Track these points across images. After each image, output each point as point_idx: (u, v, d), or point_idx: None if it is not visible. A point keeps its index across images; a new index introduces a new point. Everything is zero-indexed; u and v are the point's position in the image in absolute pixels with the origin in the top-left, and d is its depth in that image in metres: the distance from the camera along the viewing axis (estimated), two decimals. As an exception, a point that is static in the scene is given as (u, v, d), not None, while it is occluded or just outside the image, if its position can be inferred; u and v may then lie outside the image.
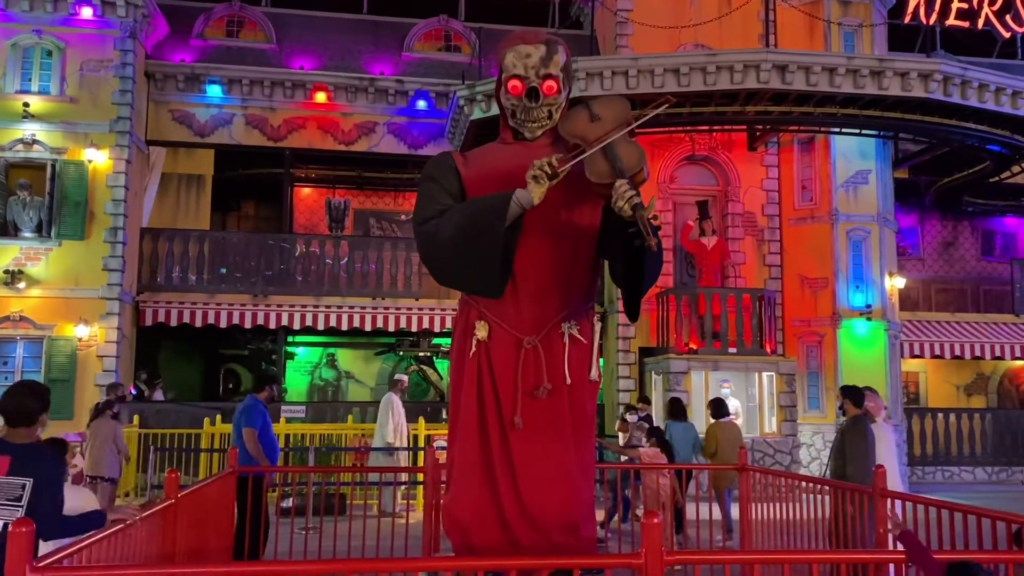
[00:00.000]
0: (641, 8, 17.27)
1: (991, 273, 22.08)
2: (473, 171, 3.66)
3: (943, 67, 15.01)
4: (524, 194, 3.29)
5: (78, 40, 16.40)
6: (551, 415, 3.62)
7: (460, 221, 3.40)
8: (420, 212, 3.57)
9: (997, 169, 18.16)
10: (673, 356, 14.98)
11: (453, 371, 3.83)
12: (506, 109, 3.73)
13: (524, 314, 3.61)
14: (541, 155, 3.48)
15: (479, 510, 3.59)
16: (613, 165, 3.25)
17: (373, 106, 18.52)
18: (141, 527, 3.97)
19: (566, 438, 3.66)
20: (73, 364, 15.56)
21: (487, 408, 3.63)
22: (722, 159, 17.36)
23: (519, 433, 3.57)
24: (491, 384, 3.62)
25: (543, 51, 3.61)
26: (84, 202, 15.99)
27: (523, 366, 3.59)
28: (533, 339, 3.60)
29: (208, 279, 17.36)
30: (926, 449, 18.33)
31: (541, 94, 3.63)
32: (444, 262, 3.49)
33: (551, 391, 3.59)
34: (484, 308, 3.65)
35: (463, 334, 3.73)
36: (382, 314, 17.68)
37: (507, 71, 3.64)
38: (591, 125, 3.50)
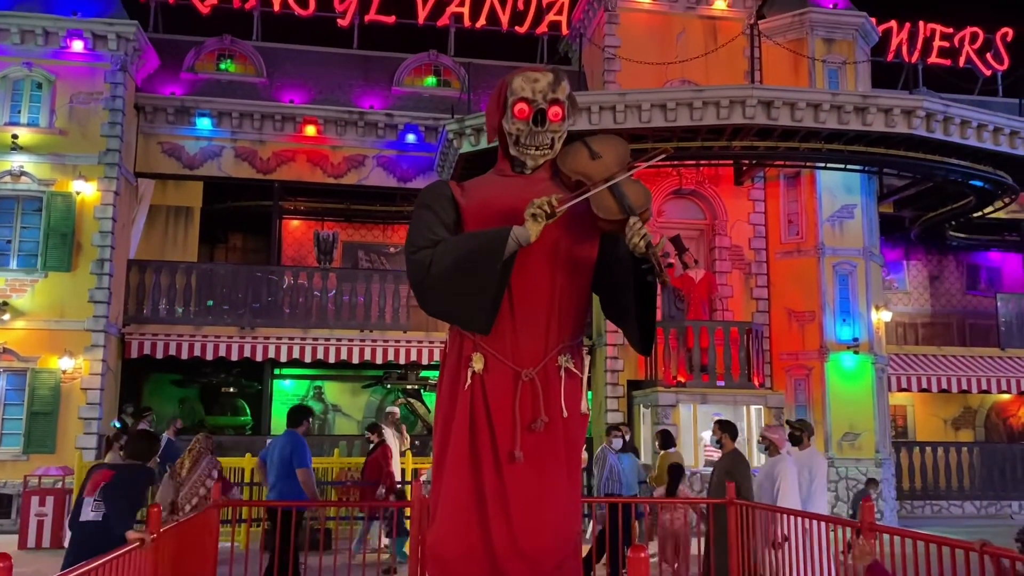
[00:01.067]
0: (628, 44, 17.51)
1: (976, 307, 22.23)
2: (472, 202, 3.66)
3: (926, 104, 15.23)
4: (522, 231, 3.32)
5: (68, 73, 16.46)
6: (547, 448, 3.61)
7: (456, 255, 3.39)
8: (414, 240, 3.55)
9: (980, 204, 18.36)
10: (661, 389, 14.96)
11: (443, 403, 3.76)
12: (510, 135, 3.73)
13: (521, 347, 3.61)
14: (540, 189, 3.56)
15: (467, 546, 3.53)
16: (621, 203, 3.36)
17: (362, 139, 18.61)
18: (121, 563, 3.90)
19: (560, 471, 3.66)
20: (57, 397, 15.40)
21: (480, 441, 3.58)
22: (709, 193, 17.50)
23: (515, 466, 3.55)
24: (485, 417, 3.59)
25: (551, 78, 3.69)
26: (71, 233, 15.94)
27: (521, 399, 3.57)
28: (531, 372, 3.60)
29: (195, 311, 17.27)
30: (915, 483, 18.31)
31: (548, 118, 3.65)
32: (435, 293, 3.47)
33: (547, 424, 3.58)
34: (480, 340, 3.62)
35: (456, 365, 3.69)
36: (370, 346, 17.61)
37: (515, 94, 3.66)
38: (592, 163, 3.58)
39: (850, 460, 16.30)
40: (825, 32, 17.75)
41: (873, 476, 16.29)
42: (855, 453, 16.35)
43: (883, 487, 16.34)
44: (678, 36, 17.77)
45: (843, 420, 16.41)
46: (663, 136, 15.47)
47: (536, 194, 3.49)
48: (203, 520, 6.26)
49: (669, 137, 15.47)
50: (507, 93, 3.70)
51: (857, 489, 15.98)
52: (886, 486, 16.44)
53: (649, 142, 15.53)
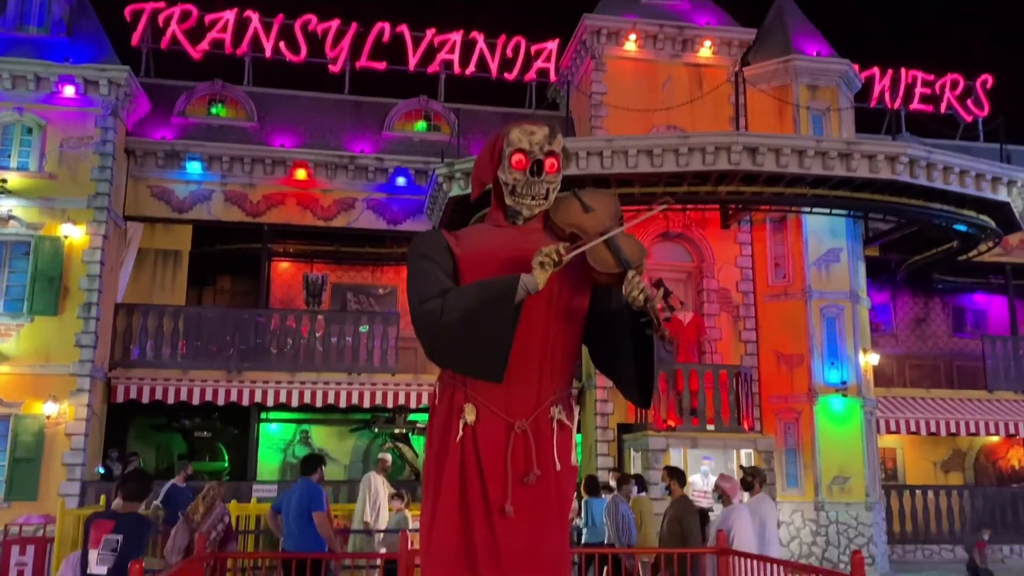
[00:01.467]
0: (615, 91, 17.76)
1: (963, 349, 22.33)
2: (467, 251, 3.66)
3: (909, 150, 15.47)
4: (530, 279, 3.34)
5: (59, 117, 16.54)
6: (538, 501, 3.58)
7: (468, 304, 3.37)
8: (420, 290, 3.50)
9: (965, 248, 18.55)
10: (651, 433, 14.91)
11: (432, 454, 3.70)
12: (506, 185, 3.76)
13: (514, 397, 3.58)
14: (534, 239, 3.59)
15: None
16: (617, 256, 3.43)
17: (353, 182, 18.72)
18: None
19: (552, 525, 3.63)
20: (40, 443, 15.21)
21: (471, 494, 3.54)
22: (696, 236, 17.63)
23: (506, 521, 3.51)
24: (477, 469, 3.55)
25: (547, 131, 3.74)
26: (58, 277, 15.88)
27: (513, 451, 3.54)
28: (523, 423, 3.56)
29: (182, 355, 17.17)
30: (905, 527, 18.21)
31: (544, 169, 3.72)
32: (448, 344, 3.43)
33: (539, 477, 3.55)
34: (472, 390, 3.58)
35: (447, 415, 3.64)
36: (357, 390, 17.52)
37: (512, 145, 3.71)
38: (586, 216, 3.64)
39: (840, 504, 16.23)
40: (809, 79, 18.06)
41: (864, 521, 16.22)
42: (845, 497, 16.29)
43: (874, 531, 16.27)
44: (664, 83, 18.05)
45: (833, 464, 16.37)
46: (650, 181, 15.63)
47: (531, 244, 3.52)
48: (186, 573, 6.16)
49: (655, 182, 15.63)
50: (504, 144, 3.75)
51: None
52: (876, 530, 16.36)
53: (636, 187, 15.69)
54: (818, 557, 15.81)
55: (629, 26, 18.08)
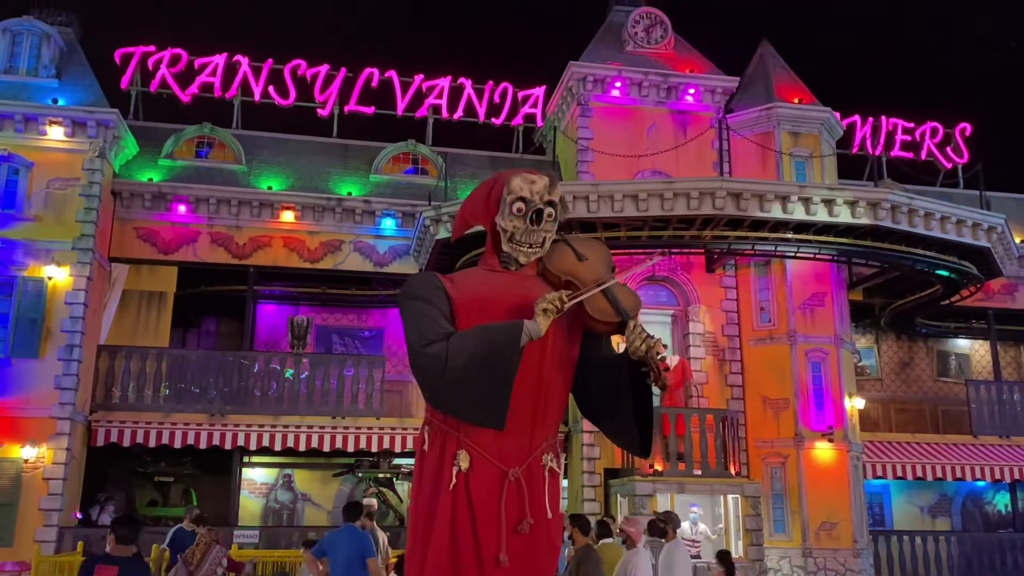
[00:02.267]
0: (601, 136, 17.97)
1: (947, 394, 22.40)
2: (464, 295, 3.65)
3: (891, 196, 15.67)
4: (533, 326, 3.38)
5: (46, 159, 16.55)
6: (530, 550, 3.56)
7: (474, 350, 3.37)
8: (421, 333, 3.48)
9: (947, 293, 18.70)
10: (638, 478, 14.81)
11: (422, 501, 3.65)
12: (503, 232, 3.78)
13: (508, 445, 3.56)
14: (529, 285, 3.65)
15: None
16: (616, 306, 3.49)
17: (340, 225, 18.74)
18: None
19: (543, 572, 3.62)
20: (17, 488, 14.94)
21: (462, 542, 3.50)
22: (682, 279, 17.71)
23: (500, 571, 3.48)
24: (469, 517, 3.51)
25: (547, 181, 3.78)
26: (41, 319, 15.76)
27: (507, 500, 3.52)
28: (517, 471, 3.55)
29: (164, 398, 16.99)
30: (894, 573, 18.05)
31: (543, 218, 3.76)
32: (454, 387, 3.40)
33: (532, 525, 3.53)
34: (465, 437, 3.55)
35: (438, 462, 3.60)
36: (341, 434, 17.35)
37: (513, 193, 3.73)
38: (580, 264, 3.70)
39: (827, 550, 16.11)
40: (791, 126, 18.35)
41: (852, 567, 16.09)
42: (832, 543, 16.17)
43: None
44: (649, 129, 18.28)
45: (820, 509, 16.29)
46: (635, 225, 15.73)
47: (526, 291, 3.59)
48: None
49: (641, 226, 15.73)
50: (504, 192, 3.78)
51: None
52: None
53: (623, 231, 15.79)
54: (806, 604, 15.64)
55: (614, 73, 18.36)
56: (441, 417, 3.63)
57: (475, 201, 4.03)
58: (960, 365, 23.07)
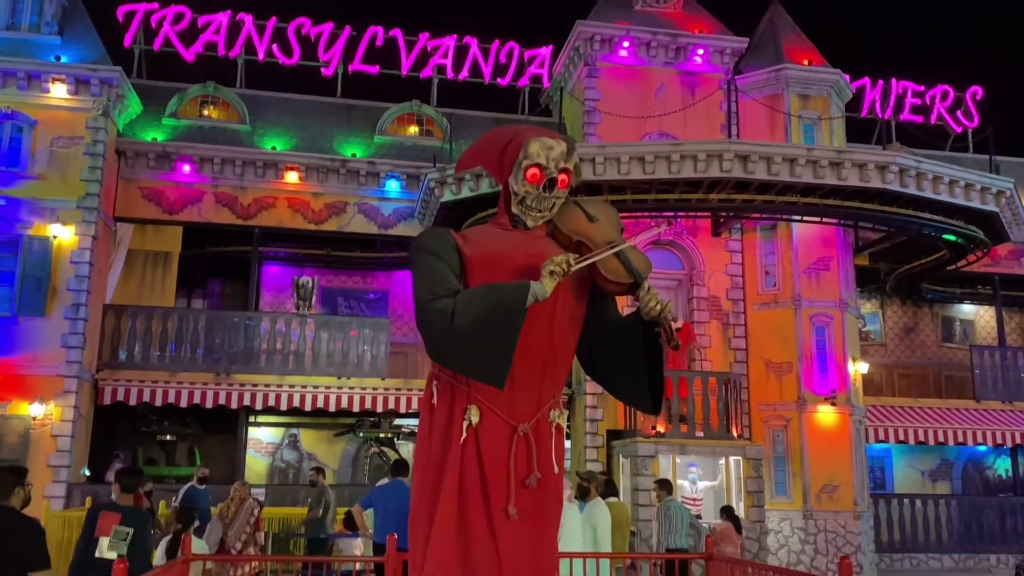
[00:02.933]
0: (608, 98, 17.80)
1: (951, 359, 22.43)
2: (475, 253, 3.67)
3: (899, 159, 15.54)
4: (540, 287, 3.41)
5: (50, 117, 16.46)
6: (538, 504, 3.62)
7: (481, 308, 3.38)
8: (431, 287, 3.49)
9: (954, 258, 18.65)
10: (641, 439, 14.91)
11: (429, 457, 3.67)
12: (515, 194, 3.79)
13: (517, 401, 3.60)
14: (541, 246, 3.68)
15: None
16: (628, 267, 3.55)
17: (344, 186, 18.68)
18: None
19: (553, 529, 3.69)
20: (26, 444, 15.10)
21: (471, 497, 3.55)
22: (687, 244, 17.66)
23: (508, 524, 3.53)
24: (478, 471, 3.55)
25: (564, 147, 3.77)
26: (46, 278, 15.79)
27: (516, 454, 3.57)
28: (526, 426, 3.60)
29: (170, 357, 17.08)
30: (893, 536, 18.24)
31: (556, 186, 3.76)
32: (458, 344, 3.40)
33: (540, 480, 3.59)
34: (476, 393, 3.59)
35: (447, 418, 3.63)
36: (347, 394, 17.46)
37: (530, 159, 3.72)
38: (592, 225, 3.73)
39: (828, 512, 16.25)
40: (800, 88, 18.15)
41: (852, 529, 16.25)
42: (833, 505, 16.31)
43: (862, 540, 16.28)
44: (657, 90, 18.10)
45: (821, 472, 16.39)
46: (641, 188, 15.66)
47: (538, 251, 3.62)
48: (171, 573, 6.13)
49: (647, 189, 15.66)
50: (521, 155, 3.77)
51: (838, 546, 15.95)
52: (864, 539, 16.37)
53: (628, 194, 15.72)
54: (806, 565, 15.81)
55: (622, 33, 18.13)
56: (451, 373, 3.66)
57: (487, 150, 4.01)
58: (965, 331, 23.07)
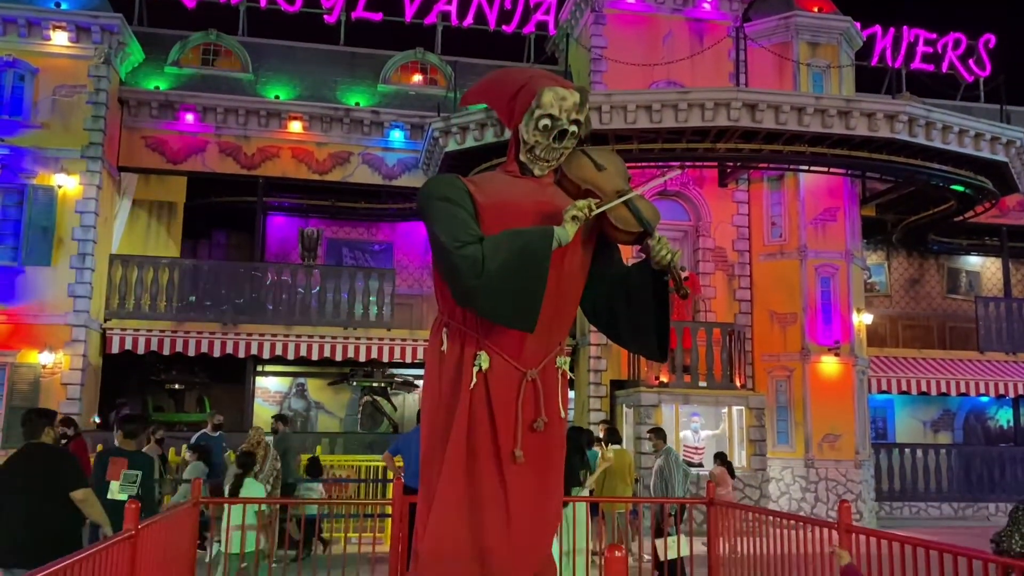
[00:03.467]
0: (615, 45, 17.55)
1: (956, 310, 22.44)
2: (487, 200, 3.68)
3: (908, 108, 15.36)
4: (562, 232, 3.47)
5: (51, 65, 16.31)
6: (545, 449, 3.70)
7: (508, 253, 3.43)
8: (454, 233, 3.50)
9: (961, 209, 18.54)
10: (644, 389, 15.02)
11: (438, 402, 3.73)
12: (525, 143, 3.79)
13: (527, 347, 3.66)
14: (551, 193, 3.73)
15: (463, 546, 3.57)
16: (637, 216, 3.60)
17: (348, 136, 18.57)
18: (102, 556, 3.90)
19: (556, 470, 3.78)
20: (36, 392, 15.28)
21: (480, 441, 3.61)
22: (694, 195, 17.58)
23: (516, 467, 3.60)
24: (487, 416, 3.62)
25: (577, 98, 3.76)
26: (52, 227, 15.81)
27: (524, 399, 3.63)
28: (534, 372, 3.67)
29: (177, 307, 17.18)
30: (894, 485, 18.47)
31: (567, 136, 3.77)
32: (487, 291, 3.43)
33: (547, 424, 3.67)
34: (486, 339, 3.64)
35: (457, 364, 3.68)
36: (353, 344, 17.57)
37: (543, 109, 3.72)
38: (600, 174, 3.76)
39: (830, 461, 16.42)
40: (810, 36, 17.86)
41: (852, 478, 16.44)
42: (835, 454, 16.47)
43: (862, 488, 16.49)
44: (664, 38, 17.83)
45: (824, 421, 16.53)
46: (648, 137, 15.53)
47: (548, 198, 3.69)
48: (181, 517, 6.24)
49: (654, 138, 15.53)
50: (533, 104, 3.74)
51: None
52: (865, 487, 16.58)
53: (635, 143, 15.60)
54: (807, 512, 16.02)
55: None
56: (460, 319, 3.69)
57: (497, 92, 3.99)
58: (970, 282, 23.04)
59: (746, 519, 6.77)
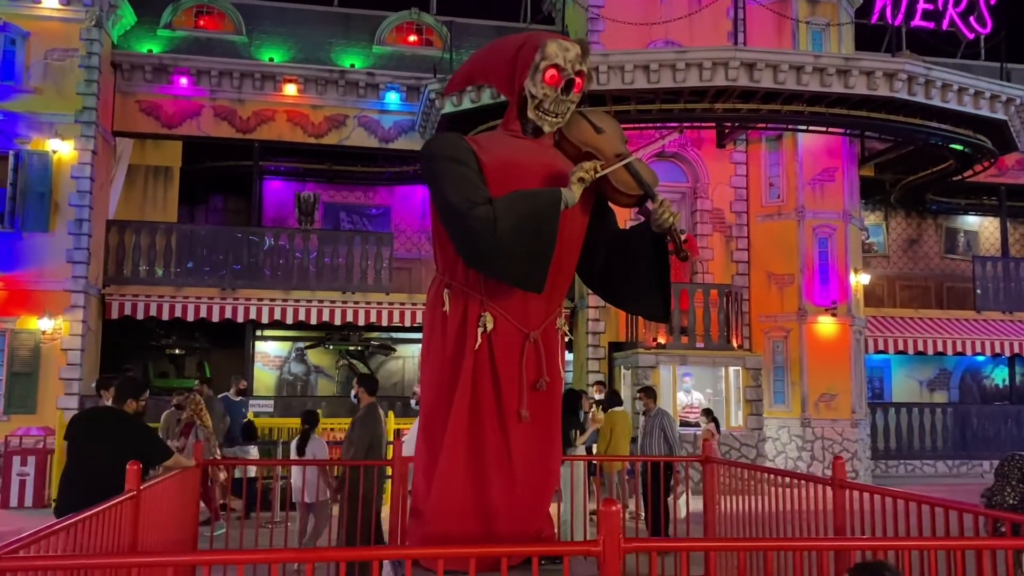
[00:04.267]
0: (612, 4, 17.34)
1: (954, 270, 22.48)
2: (491, 160, 3.68)
3: (908, 67, 15.25)
4: (569, 194, 3.51)
5: (43, 29, 16.12)
6: (547, 407, 3.78)
7: (519, 215, 3.43)
8: (465, 194, 3.48)
9: (960, 168, 18.48)
10: (642, 351, 15.10)
11: (441, 363, 3.76)
12: (533, 98, 3.76)
13: (530, 309, 3.71)
14: (552, 153, 3.77)
15: (465, 503, 3.63)
16: (637, 179, 3.62)
17: (343, 99, 18.42)
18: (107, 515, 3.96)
19: (556, 428, 3.86)
20: (37, 358, 15.34)
21: (483, 400, 3.67)
22: (691, 156, 17.50)
23: (520, 426, 3.66)
24: (491, 376, 3.67)
25: (579, 49, 3.78)
26: (48, 193, 15.75)
27: (527, 359, 3.68)
28: (536, 333, 3.72)
29: (175, 272, 17.18)
30: (890, 443, 18.65)
31: (573, 88, 3.76)
32: (499, 252, 3.44)
33: (548, 384, 3.73)
34: (489, 300, 3.67)
35: (460, 325, 3.71)
36: (352, 308, 17.61)
37: (548, 59, 3.71)
38: (599, 136, 3.78)
39: (826, 421, 16.57)
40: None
41: (849, 436, 16.60)
42: (831, 414, 16.62)
43: (858, 447, 16.66)
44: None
45: (820, 381, 16.65)
46: (646, 98, 15.42)
47: (550, 159, 3.72)
48: (184, 478, 6.30)
49: (652, 99, 15.42)
50: (538, 57, 3.72)
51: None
52: (861, 446, 16.74)
53: (632, 104, 15.49)
54: (803, 471, 16.21)
55: (627, -64, 17.53)
56: (463, 280, 3.71)
57: (495, 59, 3.97)
58: (968, 242, 23.05)
59: (741, 477, 6.85)
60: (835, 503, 5.43)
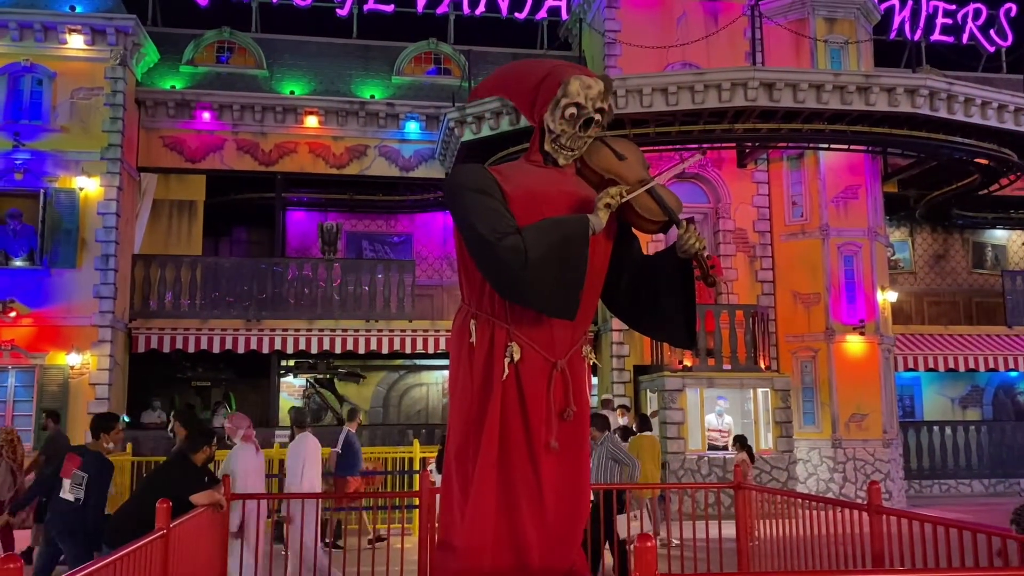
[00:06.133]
0: (629, 28, 17.42)
1: (982, 285, 22.16)
2: (514, 190, 3.69)
3: (929, 82, 15.14)
4: (596, 220, 3.52)
5: (68, 69, 16.43)
6: (575, 436, 3.74)
7: (548, 243, 3.45)
8: (492, 225, 3.49)
9: (985, 182, 18.28)
10: (668, 374, 14.97)
11: (469, 394, 3.74)
12: (550, 132, 3.79)
13: (556, 337, 3.69)
14: (574, 182, 3.78)
15: (499, 536, 3.59)
16: (661, 205, 3.62)
17: (364, 129, 18.58)
18: (132, 558, 3.94)
19: (585, 457, 3.83)
20: (65, 393, 15.47)
21: (512, 431, 3.64)
22: (712, 176, 17.44)
23: (549, 456, 3.63)
24: (519, 406, 3.64)
25: (601, 87, 3.79)
26: (75, 230, 15.96)
27: (554, 388, 3.66)
28: (562, 362, 3.69)
29: (200, 305, 17.31)
30: (923, 463, 18.33)
31: (592, 125, 3.80)
32: (530, 281, 3.44)
33: (575, 413, 3.70)
34: (516, 329, 3.65)
35: (487, 355, 3.69)
36: (375, 336, 17.64)
37: (570, 98, 3.73)
38: (621, 163, 3.79)
39: (857, 441, 16.31)
40: (827, 11, 17.63)
41: (881, 457, 16.32)
42: (862, 434, 16.36)
43: (891, 467, 16.37)
44: (679, 19, 17.67)
45: (850, 401, 16.41)
46: (665, 120, 15.41)
47: (572, 186, 3.74)
48: (211, 516, 6.29)
49: (671, 121, 15.41)
50: (560, 93, 3.74)
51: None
52: (893, 466, 16.46)
53: (651, 127, 15.49)
54: (835, 493, 15.95)
55: (642, -39, 17.64)
56: (488, 309, 3.69)
57: (516, 84, 4.00)
58: (996, 256, 22.73)
59: (774, 502, 6.73)
60: (872, 530, 5.31)
